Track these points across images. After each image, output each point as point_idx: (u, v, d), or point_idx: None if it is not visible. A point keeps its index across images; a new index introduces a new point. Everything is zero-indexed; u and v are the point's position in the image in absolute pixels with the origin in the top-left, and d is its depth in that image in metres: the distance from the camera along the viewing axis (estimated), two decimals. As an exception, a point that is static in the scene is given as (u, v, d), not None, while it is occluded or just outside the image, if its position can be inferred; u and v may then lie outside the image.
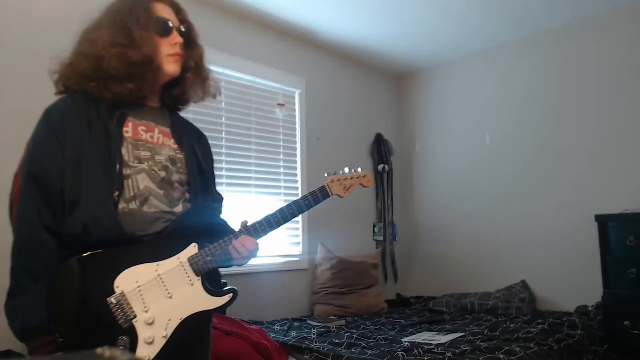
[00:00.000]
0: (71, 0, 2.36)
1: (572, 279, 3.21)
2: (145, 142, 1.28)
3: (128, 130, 1.25)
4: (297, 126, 3.54)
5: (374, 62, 4.12)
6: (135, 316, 1.16)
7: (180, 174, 1.33)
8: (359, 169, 1.51)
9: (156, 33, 1.27)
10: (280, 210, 1.36)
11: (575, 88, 3.35)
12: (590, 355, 2.49)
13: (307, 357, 2.16)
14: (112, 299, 1.16)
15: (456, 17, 3.31)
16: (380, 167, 4.05)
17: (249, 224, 1.34)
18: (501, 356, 2.05)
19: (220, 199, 1.49)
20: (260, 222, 1.34)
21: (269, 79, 3.36)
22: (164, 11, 1.31)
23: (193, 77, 1.38)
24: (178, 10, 1.36)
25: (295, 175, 3.50)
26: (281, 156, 3.42)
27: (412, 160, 4.29)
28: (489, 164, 3.75)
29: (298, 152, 3.53)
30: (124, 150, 1.23)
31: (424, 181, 4.18)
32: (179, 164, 1.33)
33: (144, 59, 1.23)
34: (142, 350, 1.14)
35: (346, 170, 1.49)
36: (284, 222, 1.36)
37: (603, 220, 2.81)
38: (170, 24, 1.30)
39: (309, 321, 2.96)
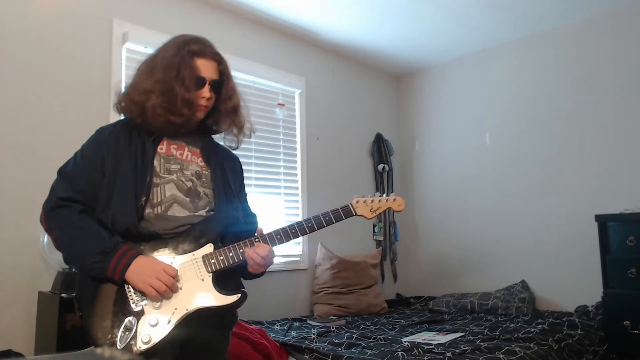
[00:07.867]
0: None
1: (572, 279, 3.21)
2: (176, 158, 1.44)
3: (162, 147, 1.44)
4: (297, 126, 3.54)
5: (374, 62, 4.12)
6: (145, 300, 1.28)
7: (205, 188, 1.46)
8: (392, 194, 1.54)
9: (195, 88, 1.42)
10: (299, 223, 1.45)
11: (575, 88, 3.34)
12: (590, 355, 2.49)
13: (307, 357, 2.16)
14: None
15: (456, 17, 3.31)
16: (380, 167, 4.05)
17: (264, 232, 1.44)
18: (501, 356, 2.05)
19: (250, 214, 1.56)
20: (277, 232, 1.43)
21: (269, 79, 3.35)
22: (205, 68, 1.43)
23: (229, 124, 1.54)
24: (219, 62, 1.48)
25: (295, 175, 3.50)
26: (281, 156, 3.42)
27: (412, 160, 4.29)
28: (489, 164, 3.75)
29: (298, 152, 3.53)
30: (156, 163, 1.40)
31: (423, 181, 4.18)
32: (204, 179, 1.46)
33: (183, 120, 1.41)
34: (146, 330, 1.25)
35: (377, 194, 1.53)
36: (302, 235, 1.45)
37: (603, 220, 2.82)
38: (205, 80, 1.43)
39: (309, 321, 2.96)
